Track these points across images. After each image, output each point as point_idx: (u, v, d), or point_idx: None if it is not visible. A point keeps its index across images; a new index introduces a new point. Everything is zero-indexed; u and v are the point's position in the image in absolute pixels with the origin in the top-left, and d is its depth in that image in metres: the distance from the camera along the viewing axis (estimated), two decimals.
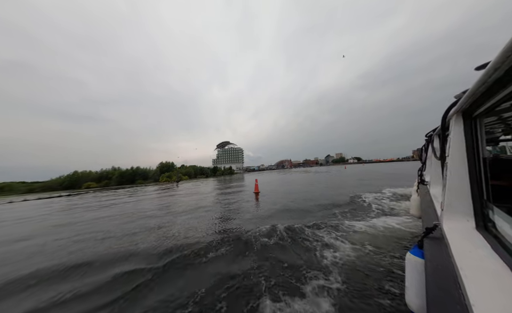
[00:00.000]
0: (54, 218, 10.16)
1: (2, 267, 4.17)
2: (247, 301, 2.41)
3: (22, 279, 3.55)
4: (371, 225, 4.75)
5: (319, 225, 4.93)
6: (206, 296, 2.57)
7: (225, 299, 2.48)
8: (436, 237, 1.38)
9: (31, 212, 13.89)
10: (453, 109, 1.47)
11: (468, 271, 0.93)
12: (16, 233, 7.48)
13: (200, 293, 2.62)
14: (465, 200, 1.38)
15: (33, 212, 13.47)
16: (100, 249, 4.66)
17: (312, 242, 3.98)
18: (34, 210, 15.06)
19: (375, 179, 16.76)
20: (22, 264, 4.22)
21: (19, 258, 4.66)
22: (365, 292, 2.40)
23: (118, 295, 2.76)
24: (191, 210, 8.58)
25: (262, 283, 2.71)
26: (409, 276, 1.31)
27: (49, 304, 2.75)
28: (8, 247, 5.64)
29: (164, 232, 5.61)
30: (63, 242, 5.58)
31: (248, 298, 2.47)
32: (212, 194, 14.40)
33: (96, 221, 8.20)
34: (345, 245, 3.71)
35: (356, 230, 4.50)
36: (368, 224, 4.85)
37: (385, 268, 2.85)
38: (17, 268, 4.01)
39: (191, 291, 2.67)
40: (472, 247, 1.13)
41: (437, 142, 3.14)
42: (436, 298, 0.91)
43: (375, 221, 5.03)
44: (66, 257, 4.33)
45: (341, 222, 5.07)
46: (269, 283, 2.71)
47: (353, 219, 5.35)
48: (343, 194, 9.52)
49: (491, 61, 0.85)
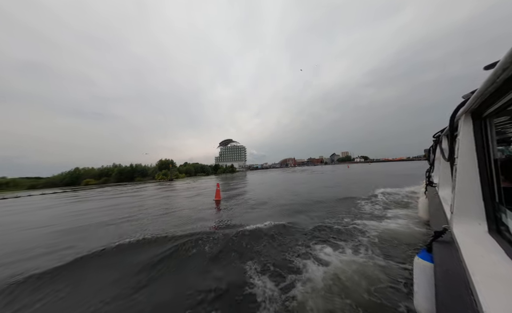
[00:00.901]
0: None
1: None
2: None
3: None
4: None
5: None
6: None
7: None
8: (445, 241, 1.36)
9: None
10: (461, 109, 1.45)
11: (480, 276, 0.91)
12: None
13: None
14: (476, 202, 1.36)
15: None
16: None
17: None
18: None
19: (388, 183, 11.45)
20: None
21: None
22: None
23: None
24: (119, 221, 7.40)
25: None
26: (418, 280, 1.29)
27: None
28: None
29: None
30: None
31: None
32: (182, 194, 13.80)
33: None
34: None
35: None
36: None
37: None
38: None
39: None
40: (484, 252, 1.11)
41: (445, 143, 3.06)
42: (446, 303, 0.89)
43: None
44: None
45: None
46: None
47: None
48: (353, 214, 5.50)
49: (499, 61, 0.84)
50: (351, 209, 6.11)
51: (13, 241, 5.63)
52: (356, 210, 5.96)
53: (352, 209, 6.04)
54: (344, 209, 6.17)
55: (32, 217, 9.72)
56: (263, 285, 2.54)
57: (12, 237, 6.08)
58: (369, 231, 3.98)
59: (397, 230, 3.80)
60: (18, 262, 3.96)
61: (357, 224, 4.49)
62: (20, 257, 4.25)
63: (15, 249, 4.78)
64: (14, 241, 5.62)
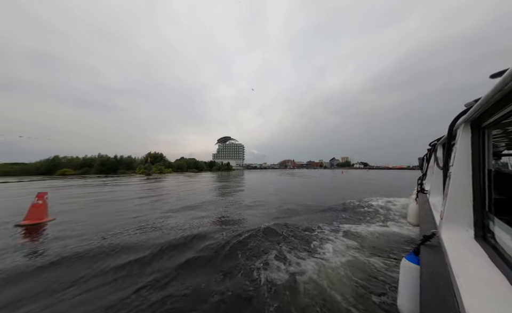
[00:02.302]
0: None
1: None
2: None
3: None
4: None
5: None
6: None
7: None
8: (433, 245, 1.39)
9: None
10: (462, 118, 1.46)
11: (464, 279, 0.94)
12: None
13: None
14: (466, 210, 1.39)
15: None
16: None
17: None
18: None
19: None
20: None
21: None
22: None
23: None
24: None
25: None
26: (403, 281, 1.32)
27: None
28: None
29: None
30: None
31: None
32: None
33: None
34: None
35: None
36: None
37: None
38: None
39: None
40: (470, 256, 1.15)
41: (440, 152, 3.25)
42: (430, 304, 0.92)
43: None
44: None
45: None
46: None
47: None
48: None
49: (508, 69, 0.84)
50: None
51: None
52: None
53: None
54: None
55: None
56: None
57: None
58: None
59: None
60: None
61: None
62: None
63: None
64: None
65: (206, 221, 5.72)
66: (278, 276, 2.87)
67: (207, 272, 3.04)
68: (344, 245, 3.96)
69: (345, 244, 4.01)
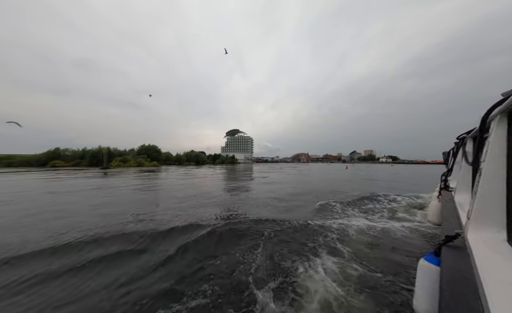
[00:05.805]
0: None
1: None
2: None
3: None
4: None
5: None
6: None
7: None
8: (456, 246, 1.32)
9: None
10: (497, 109, 1.32)
11: (492, 284, 0.87)
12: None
13: None
14: (498, 210, 1.29)
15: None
16: None
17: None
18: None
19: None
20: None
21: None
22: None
23: None
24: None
25: None
26: (420, 282, 1.28)
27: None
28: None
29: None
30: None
31: None
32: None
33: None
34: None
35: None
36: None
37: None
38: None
39: None
40: (500, 260, 1.07)
41: (470, 146, 3.01)
42: (451, 307, 0.86)
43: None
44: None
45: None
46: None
47: None
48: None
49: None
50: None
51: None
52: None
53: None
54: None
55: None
56: None
57: None
58: None
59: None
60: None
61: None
62: None
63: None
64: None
65: None
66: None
67: None
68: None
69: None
